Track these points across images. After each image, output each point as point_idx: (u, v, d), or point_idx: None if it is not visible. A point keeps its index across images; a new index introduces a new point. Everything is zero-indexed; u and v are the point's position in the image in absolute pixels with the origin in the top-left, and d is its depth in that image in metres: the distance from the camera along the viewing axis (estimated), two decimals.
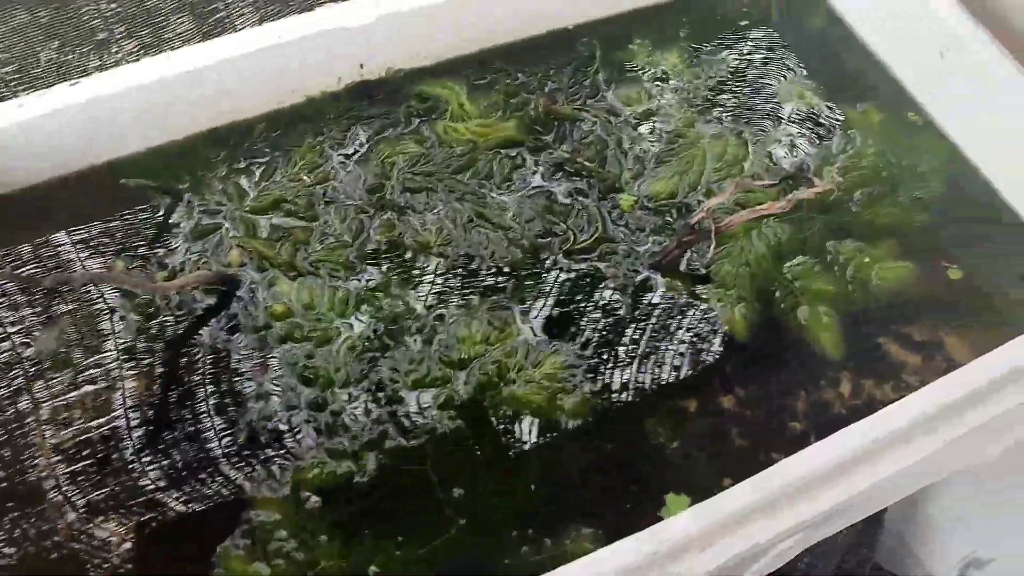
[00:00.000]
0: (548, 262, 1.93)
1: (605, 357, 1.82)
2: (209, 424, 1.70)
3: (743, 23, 2.40)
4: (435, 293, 1.88)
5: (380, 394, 1.74)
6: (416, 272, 1.91)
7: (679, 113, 2.18)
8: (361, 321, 1.83)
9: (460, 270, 1.91)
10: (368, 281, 1.88)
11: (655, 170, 2.08)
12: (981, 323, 1.93)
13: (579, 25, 2.31)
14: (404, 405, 1.73)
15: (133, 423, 1.69)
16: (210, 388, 1.74)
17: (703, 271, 1.94)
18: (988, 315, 1.95)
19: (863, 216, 2.04)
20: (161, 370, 1.76)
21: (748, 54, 2.34)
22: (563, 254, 1.94)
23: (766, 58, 2.33)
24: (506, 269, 1.92)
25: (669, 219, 2.01)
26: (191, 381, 1.75)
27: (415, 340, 1.81)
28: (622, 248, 1.95)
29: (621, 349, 1.84)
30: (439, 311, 1.85)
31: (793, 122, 2.20)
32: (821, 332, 1.88)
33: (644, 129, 2.15)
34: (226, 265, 1.89)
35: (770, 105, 2.23)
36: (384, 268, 1.91)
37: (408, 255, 1.93)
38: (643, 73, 2.26)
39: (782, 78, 2.29)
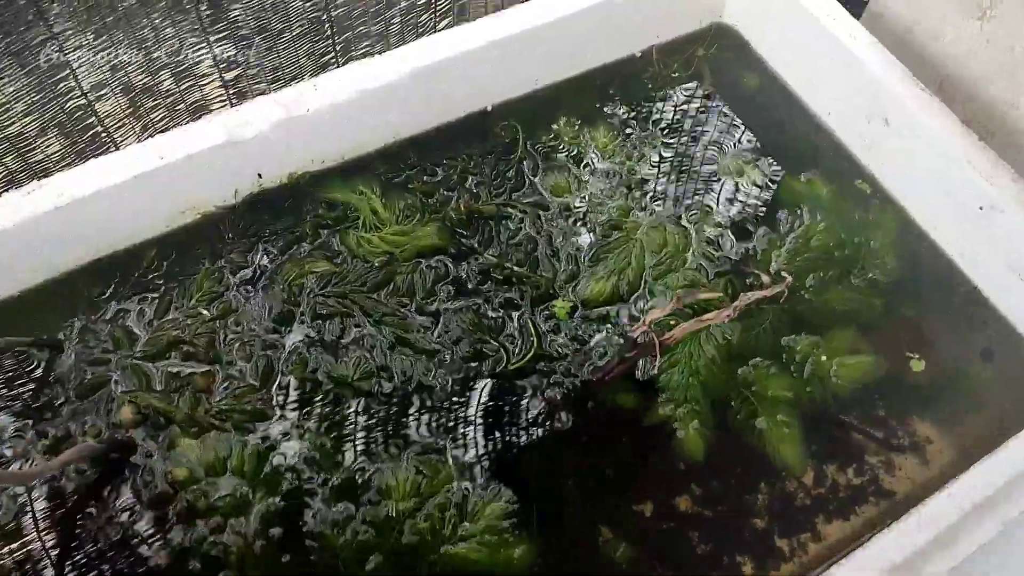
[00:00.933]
0: (481, 389, 1.75)
1: (551, 487, 1.65)
2: None
3: (674, 90, 2.23)
4: (356, 438, 1.68)
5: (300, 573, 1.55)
6: (334, 414, 1.71)
7: (612, 200, 2.01)
8: (274, 479, 1.62)
9: (383, 407, 1.72)
10: (281, 432, 1.68)
11: (591, 269, 1.91)
12: (948, 407, 1.80)
13: (497, 106, 2.12)
14: None
15: None
16: None
17: (651, 384, 1.77)
18: (954, 398, 1.82)
19: (816, 304, 1.89)
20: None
21: (681, 125, 2.17)
22: (496, 378, 1.76)
23: (701, 127, 2.17)
24: (433, 402, 1.73)
25: (611, 325, 1.83)
26: None
27: (337, 498, 1.61)
28: (561, 366, 1.78)
29: (567, 476, 1.67)
30: (362, 460, 1.65)
31: (735, 200, 2.04)
32: (781, 444, 1.73)
33: (576, 223, 1.97)
34: (117, 425, 1.67)
35: (709, 183, 2.07)
36: (298, 413, 1.70)
37: (324, 394, 1.73)
38: (570, 157, 2.09)
39: (720, 150, 2.13)
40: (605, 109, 2.17)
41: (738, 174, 2.07)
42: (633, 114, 2.17)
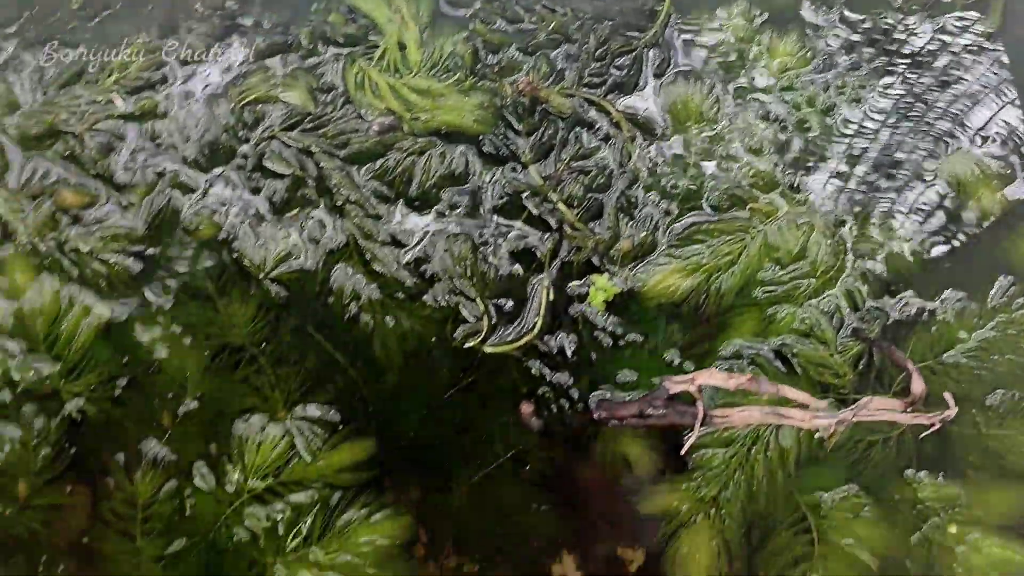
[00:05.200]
0: (428, 353, 1.18)
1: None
2: None
3: (932, 15, 1.41)
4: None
5: None
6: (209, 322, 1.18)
7: (754, 158, 1.29)
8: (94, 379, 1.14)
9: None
10: (139, 313, 1.17)
11: (672, 249, 1.23)
12: None
13: None
14: None
15: None
16: None
17: (676, 454, 1.15)
18: None
19: (986, 443, 1.18)
20: None
21: (917, 75, 1.37)
22: (455, 353, 1.18)
23: (945, 93, 1.37)
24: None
25: (655, 350, 1.19)
26: None
27: None
28: (558, 378, 1.17)
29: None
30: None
31: (940, 229, 1.28)
32: None
33: (685, 170, 1.28)
34: None
35: (911, 185, 1.30)
36: (170, 294, 1.19)
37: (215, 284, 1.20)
38: (724, 66, 1.35)
39: (955, 138, 1.34)
40: (810, 7, 1.38)
41: (963, 190, 1.29)
42: (850, 32, 1.38)
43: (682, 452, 1.11)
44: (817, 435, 1.10)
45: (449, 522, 1.16)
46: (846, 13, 1.38)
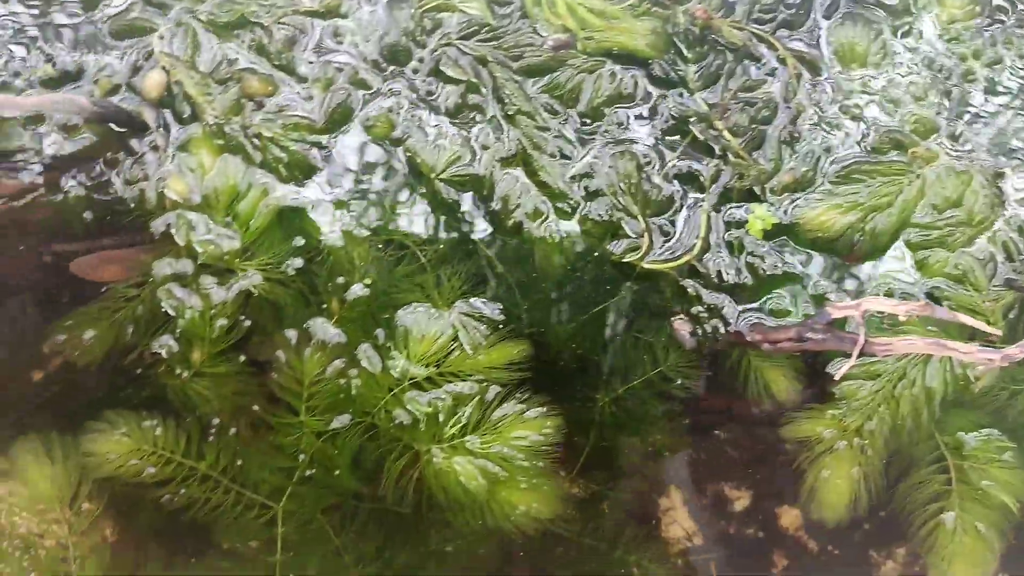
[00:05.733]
0: (583, 270, 1.21)
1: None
2: None
3: None
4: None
5: None
6: (387, 219, 1.23)
7: (917, 105, 1.30)
8: (273, 250, 1.19)
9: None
10: (316, 199, 1.22)
11: (831, 186, 1.26)
12: None
13: None
14: None
15: None
16: None
17: (823, 383, 1.18)
18: None
19: None
20: None
21: None
22: (612, 267, 1.21)
23: None
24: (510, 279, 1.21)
25: (812, 278, 1.22)
26: None
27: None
28: (715, 299, 1.20)
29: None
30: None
31: None
32: (961, 562, 1.13)
33: (847, 111, 1.30)
34: (137, 92, 1.25)
35: None
36: (350, 192, 1.23)
37: (388, 187, 1.24)
38: (893, 14, 1.36)
39: None
40: None
41: None
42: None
43: (836, 378, 1.15)
44: (980, 368, 1.12)
45: (586, 433, 1.20)
46: None
